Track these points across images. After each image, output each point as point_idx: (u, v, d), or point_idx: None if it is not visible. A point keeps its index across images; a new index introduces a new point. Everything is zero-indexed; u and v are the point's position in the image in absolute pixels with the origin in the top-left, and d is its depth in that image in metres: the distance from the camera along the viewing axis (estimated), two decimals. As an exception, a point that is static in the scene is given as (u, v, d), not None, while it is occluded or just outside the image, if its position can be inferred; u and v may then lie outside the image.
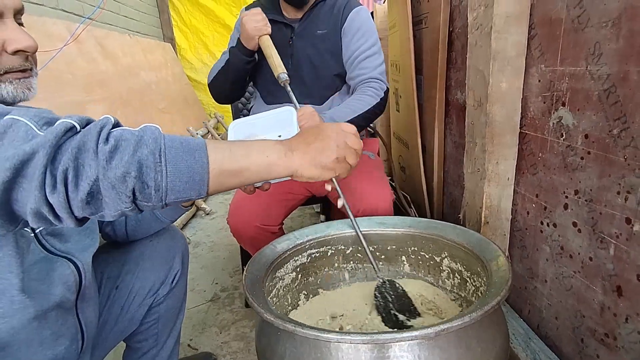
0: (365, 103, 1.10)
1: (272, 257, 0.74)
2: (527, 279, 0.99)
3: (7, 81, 0.56)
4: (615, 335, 0.73)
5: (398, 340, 0.45)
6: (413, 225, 0.84)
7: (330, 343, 0.47)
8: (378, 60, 1.16)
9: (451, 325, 0.45)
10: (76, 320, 0.63)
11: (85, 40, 2.06)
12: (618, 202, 0.69)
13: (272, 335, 0.55)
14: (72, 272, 0.61)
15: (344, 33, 1.16)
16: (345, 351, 0.48)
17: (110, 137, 0.43)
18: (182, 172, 0.44)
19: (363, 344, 0.47)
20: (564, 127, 0.80)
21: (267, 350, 0.56)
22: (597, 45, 0.70)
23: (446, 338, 0.48)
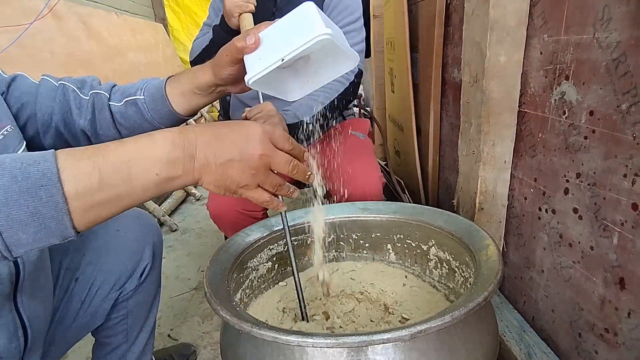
0: (331, 91, 1.04)
1: (242, 246, 0.68)
2: (523, 269, 0.93)
3: None
4: (616, 331, 0.67)
5: (368, 344, 0.39)
6: (398, 211, 0.78)
7: (293, 347, 0.41)
8: (357, 37, 1.09)
9: (430, 326, 0.38)
10: (15, 315, 0.56)
11: (67, 17, 1.97)
12: (624, 186, 0.62)
13: (232, 334, 0.49)
14: (4, 263, 0.53)
15: (325, 6, 1.09)
16: (310, 355, 0.42)
17: None
18: (25, 222, 0.32)
19: (330, 348, 0.40)
20: (566, 104, 0.73)
21: (228, 350, 0.50)
22: (606, 9, 0.62)
23: (425, 340, 0.42)
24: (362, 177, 0.95)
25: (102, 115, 0.65)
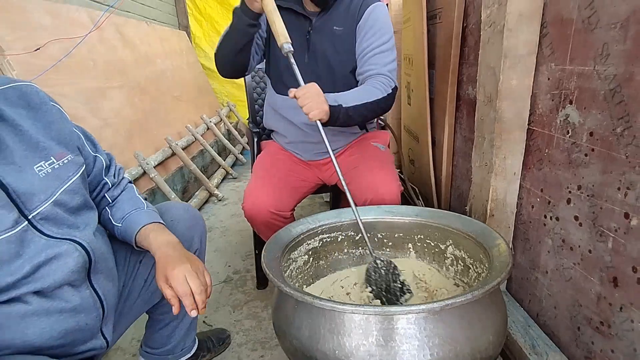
0: (372, 94, 1.10)
1: (287, 240, 0.79)
2: (529, 270, 1.03)
3: None
4: (610, 324, 0.77)
5: (406, 313, 0.50)
6: (420, 214, 0.89)
7: (344, 314, 0.53)
8: (389, 57, 1.16)
9: (455, 301, 0.49)
10: (92, 291, 0.69)
11: (105, 27, 2.12)
12: (618, 197, 0.72)
13: (289, 308, 0.60)
14: (78, 251, 0.67)
15: (358, 30, 1.17)
16: (357, 322, 0.53)
17: None
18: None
19: (374, 315, 0.51)
20: (570, 125, 0.83)
21: (283, 323, 0.61)
22: (605, 46, 0.73)
23: (450, 313, 0.53)
24: (383, 185, 1.06)
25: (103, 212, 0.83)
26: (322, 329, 0.55)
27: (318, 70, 1.21)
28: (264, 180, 1.18)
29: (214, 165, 2.95)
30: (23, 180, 0.63)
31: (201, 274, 0.71)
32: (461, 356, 0.53)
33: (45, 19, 1.63)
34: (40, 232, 0.64)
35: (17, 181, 0.62)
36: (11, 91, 0.67)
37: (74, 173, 0.71)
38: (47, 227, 0.65)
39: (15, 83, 0.69)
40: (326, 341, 0.55)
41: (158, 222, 0.80)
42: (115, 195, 0.83)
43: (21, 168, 0.64)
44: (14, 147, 0.64)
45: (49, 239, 0.64)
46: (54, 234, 0.65)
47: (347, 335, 0.53)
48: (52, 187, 0.67)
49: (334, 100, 1.02)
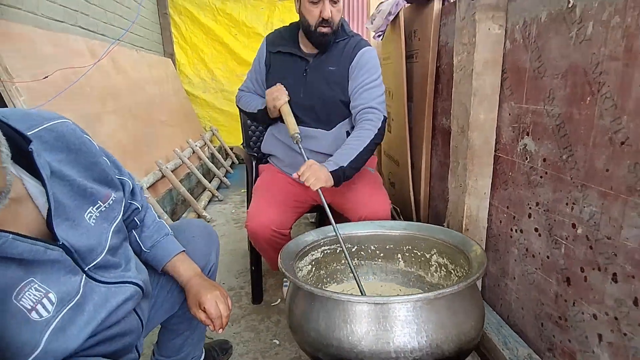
0: (364, 139, 1.23)
1: (296, 250, 0.91)
2: (500, 278, 1.19)
3: None
4: (567, 317, 0.92)
5: (406, 302, 0.63)
6: (408, 228, 1.03)
7: (357, 305, 0.64)
8: (378, 92, 1.32)
9: (445, 291, 0.63)
10: (136, 316, 0.77)
11: (100, 55, 2.21)
12: (567, 211, 0.89)
13: (305, 304, 0.71)
14: (137, 291, 0.73)
15: (351, 69, 1.33)
16: (366, 311, 0.65)
17: None
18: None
19: (381, 304, 0.64)
20: (528, 152, 1.01)
21: (301, 318, 0.72)
22: (551, 90, 0.92)
23: (440, 302, 0.66)
24: (376, 203, 1.20)
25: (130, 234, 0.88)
26: (336, 319, 0.67)
27: (312, 102, 1.36)
28: (266, 201, 1.30)
29: (199, 187, 3.02)
30: (80, 236, 0.63)
31: (226, 299, 0.84)
32: (450, 338, 0.66)
33: (48, 48, 1.71)
34: (96, 281, 0.65)
35: (76, 239, 0.62)
36: (47, 133, 0.63)
37: (119, 212, 0.73)
38: (100, 274, 0.66)
39: (49, 123, 0.64)
40: (340, 329, 0.66)
41: (182, 251, 0.89)
42: (141, 217, 0.88)
43: (75, 223, 0.63)
44: (66, 201, 0.62)
45: (108, 286, 0.66)
46: (108, 279, 0.67)
47: (359, 323, 0.65)
48: (105, 234, 0.68)
49: (334, 165, 1.15)
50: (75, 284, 0.60)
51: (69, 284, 0.59)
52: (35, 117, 0.64)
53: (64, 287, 0.58)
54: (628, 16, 0.70)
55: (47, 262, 0.57)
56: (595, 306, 0.82)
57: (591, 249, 0.82)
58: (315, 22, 1.28)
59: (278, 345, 1.28)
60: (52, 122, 0.65)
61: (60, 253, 0.58)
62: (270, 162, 1.54)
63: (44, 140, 0.62)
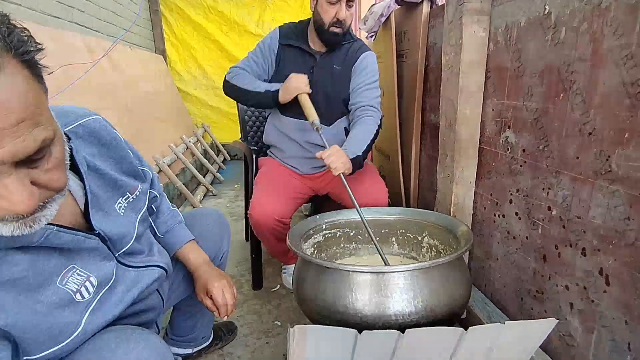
0: (371, 131, 1.36)
1: (300, 232, 0.99)
2: (484, 260, 1.30)
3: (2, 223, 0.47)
4: (543, 291, 1.03)
5: (405, 270, 0.72)
6: (402, 213, 1.12)
7: (361, 274, 0.73)
8: (376, 93, 1.44)
9: (439, 261, 0.72)
10: (159, 295, 0.83)
11: (97, 52, 2.24)
12: (543, 195, 1.00)
13: (313, 277, 0.80)
14: (162, 273, 0.79)
15: (354, 70, 1.44)
16: (369, 280, 0.74)
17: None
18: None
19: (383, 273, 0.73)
20: (509, 144, 1.12)
21: (308, 290, 0.81)
22: (529, 88, 1.02)
23: (434, 271, 0.75)
24: (375, 191, 1.30)
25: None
26: (342, 289, 0.75)
27: (317, 98, 1.44)
28: (268, 192, 1.38)
29: (193, 182, 3.07)
30: (112, 225, 0.67)
31: (232, 288, 0.90)
32: (442, 303, 0.75)
33: (48, 44, 1.74)
34: (126, 266, 0.70)
35: (109, 228, 0.66)
36: (81, 129, 0.67)
37: (144, 203, 0.78)
38: (128, 259, 0.71)
39: (83, 119, 0.69)
40: (346, 298, 0.75)
41: (192, 239, 0.95)
42: (157, 204, 0.94)
43: (107, 213, 0.67)
44: (99, 193, 0.66)
45: (137, 270, 0.72)
46: (135, 264, 0.72)
47: (362, 291, 0.74)
48: (132, 223, 0.72)
49: (352, 153, 1.25)
50: (110, 268, 0.65)
51: (105, 269, 0.64)
52: (70, 114, 0.68)
53: (102, 272, 0.63)
54: (594, 23, 0.81)
55: (85, 250, 0.62)
56: (567, 278, 0.93)
57: (564, 228, 0.93)
58: (329, 21, 1.36)
59: (280, 326, 1.36)
60: (86, 118, 0.69)
61: (97, 241, 0.63)
62: (270, 155, 1.62)
63: (79, 135, 0.67)
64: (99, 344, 0.58)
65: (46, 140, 0.46)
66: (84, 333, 0.59)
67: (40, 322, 0.54)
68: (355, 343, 0.64)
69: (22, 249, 0.54)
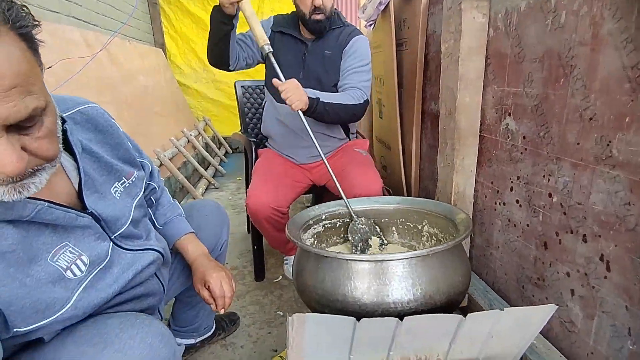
0: (347, 98, 1.35)
1: (301, 223, 0.99)
2: (485, 248, 1.29)
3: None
4: (544, 278, 1.03)
5: (403, 258, 0.72)
6: (401, 202, 1.12)
7: (359, 263, 0.73)
8: (365, 77, 1.43)
9: (437, 248, 0.72)
10: (158, 280, 0.84)
11: (95, 46, 2.23)
12: (544, 182, 0.99)
13: (312, 266, 0.80)
14: (158, 257, 0.80)
15: (344, 54, 1.44)
16: (368, 269, 0.74)
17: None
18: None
19: (381, 262, 0.73)
20: (509, 131, 1.11)
21: (308, 278, 0.81)
22: (530, 74, 1.01)
23: (432, 259, 0.75)
24: (369, 183, 1.29)
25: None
26: (341, 277, 0.75)
27: (310, 84, 1.44)
28: (265, 181, 1.38)
29: (195, 176, 3.07)
30: (107, 207, 0.69)
31: (230, 280, 0.88)
32: (441, 290, 0.75)
33: (46, 39, 1.74)
34: (122, 248, 0.71)
35: (103, 209, 0.68)
36: (79, 116, 0.70)
37: (140, 188, 0.79)
38: (125, 242, 0.72)
39: (81, 106, 0.72)
40: (345, 286, 0.75)
41: (192, 232, 0.95)
42: (157, 196, 0.95)
43: (103, 195, 0.69)
44: (94, 176, 0.69)
45: (133, 252, 0.72)
46: (132, 247, 0.73)
47: (361, 279, 0.74)
48: (128, 207, 0.74)
49: (313, 94, 1.26)
50: (104, 248, 0.66)
51: (98, 248, 0.65)
52: (69, 102, 0.71)
53: (95, 251, 0.64)
54: (594, 6, 0.79)
55: (79, 228, 0.63)
56: (568, 265, 0.93)
57: (565, 215, 0.93)
58: (308, 10, 1.36)
59: (282, 316, 1.37)
60: (84, 105, 0.72)
61: (89, 220, 0.64)
62: (269, 146, 1.62)
63: (77, 121, 0.70)
64: (104, 329, 0.59)
65: (37, 109, 0.48)
66: (74, 309, 0.60)
67: (26, 296, 0.55)
68: (354, 330, 0.64)
69: (13, 223, 0.55)
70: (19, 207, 0.54)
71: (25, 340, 0.59)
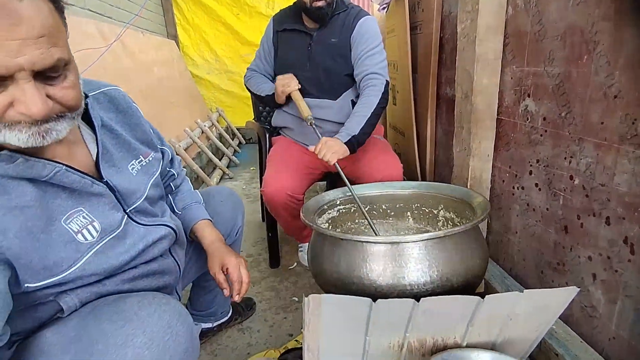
0: (370, 105, 1.32)
1: (315, 207, 0.99)
2: (502, 234, 1.27)
3: (17, 129, 0.53)
4: (564, 263, 1.00)
5: (419, 240, 0.71)
6: (416, 187, 1.11)
7: (374, 245, 0.73)
8: (379, 58, 1.39)
9: (453, 230, 0.71)
10: (173, 260, 0.85)
11: (110, 38, 2.25)
12: (565, 165, 0.96)
13: (327, 248, 0.80)
14: (171, 233, 0.81)
15: (352, 39, 1.40)
16: (383, 251, 0.73)
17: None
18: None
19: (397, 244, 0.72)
20: (529, 113, 1.08)
21: (323, 261, 0.81)
22: (551, 52, 0.97)
23: (448, 241, 0.74)
24: (389, 167, 1.29)
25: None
26: (356, 260, 0.75)
27: (318, 75, 1.43)
28: (280, 168, 1.38)
29: (209, 166, 3.10)
30: (122, 180, 0.72)
31: (247, 268, 0.88)
32: (458, 272, 0.74)
33: (62, 31, 1.77)
34: (136, 223, 0.73)
35: (119, 182, 0.71)
36: (102, 96, 0.75)
37: (157, 169, 0.82)
38: (140, 217, 0.74)
39: (105, 88, 0.77)
40: (360, 268, 0.75)
41: (209, 218, 0.96)
42: (177, 184, 0.97)
43: (120, 169, 0.73)
44: (113, 150, 0.73)
45: (146, 227, 0.75)
46: (146, 223, 0.75)
47: (376, 261, 0.74)
48: (144, 183, 0.77)
49: (347, 135, 1.25)
50: (117, 218, 0.69)
51: (111, 218, 0.68)
52: (94, 84, 0.77)
53: (108, 220, 0.67)
54: (620, -23, 0.75)
55: (94, 196, 0.66)
56: (590, 249, 0.90)
57: (587, 197, 0.90)
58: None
59: (297, 301, 1.38)
60: (107, 87, 0.79)
61: (104, 188, 0.67)
62: (282, 134, 1.61)
63: (100, 101, 0.75)
64: (123, 306, 0.62)
65: (61, 60, 0.53)
66: (82, 270, 0.62)
67: (36, 251, 0.58)
68: (370, 311, 0.64)
69: (32, 183, 0.59)
70: (38, 166, 0.58)
71: (42, 303, 0.62)
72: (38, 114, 0.52)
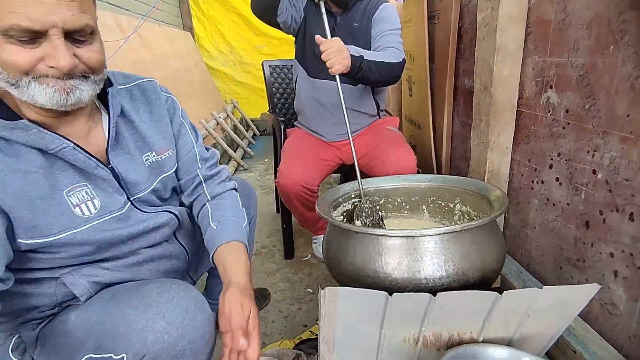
0: (388, 57, 1.29)
1: (330, 199, 0.99)
2: (520, 228, 1.25)
3: (45, 83, 0.58)
4: (584, 259, 0.98)
5: (435, 234, 0.70)
6: (432, 180, 1.09)
7: (390, 238, 0.72)
8: (397, 38, 1.40)
9: (470, 224, 0.70)
10: (179, 244, 0.87)
11: (128, 30, 2.28)
12: (588, 159, 0.93)
13: (342, 241, 0.80)
14: (172, 218, 0.82)
15: (374, 21, 1.41)
16: (399, 244, 0.73)
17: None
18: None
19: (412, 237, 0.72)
20: (550, 105, 1.05)
21: (338, 254, 0.81)
22: (575, 42, 0.94)
23: (465, 235, 0.73)
24: (402, 159, 1.27)
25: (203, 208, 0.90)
26: (372, 253, 0.75)
27: None
28: (295, 159, 1.38)
29: (224, 158, 3.13)
30: (132, 170, 0.74)
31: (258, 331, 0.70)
32: (474, 267, 0.73)
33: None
34: (139, 210, 0.76)
35: (127, 170, 0.73)
36: (135, 88, 0.79)
37: (170, 168, 0.83)
38: (143, 207, 0.77)
39: (140, 81, 0.81)
40: (376, 262, 0.75)
41: (240, 240, 0.82)
42: (215, 192, 0.90)
43: (133, 157, 0.75)
44: (129, 138, 0.75)
45: (148, 213, 0.77)
46: (149, 211, 0.78)
47: (392, 255, 0.74)
48: (153, 177, 0.78)
49: (356, 52, 1.19)
50: (119, 201, 0.72)
51: (113, 199, 0.71)
52: (131, 77, 0.82)
53: (108, 200, 0.70)
54: (653, -39, 0.72)
55: (99, 179, 0.69)
56: (612, 245, 0.88)
57: (610, 192, 0.87)
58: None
59: (311, 293, 1.40)
60: (142, 80, 0.82)
61: (107, 173, 0.70)
62: (297, 125, 1.61)
63: (132, 93, 0.79)
64: (143, 292, 0.64)
65: (89, 26, 0.59)
66: (72, 238, 0.66)
67: (28, 209, 0.61)
68: (386, 305, 0.64)
69: (42, 153, 0.63)
70: (48, 139, 0.62)
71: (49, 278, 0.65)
72: (65, 66, 0.57)
